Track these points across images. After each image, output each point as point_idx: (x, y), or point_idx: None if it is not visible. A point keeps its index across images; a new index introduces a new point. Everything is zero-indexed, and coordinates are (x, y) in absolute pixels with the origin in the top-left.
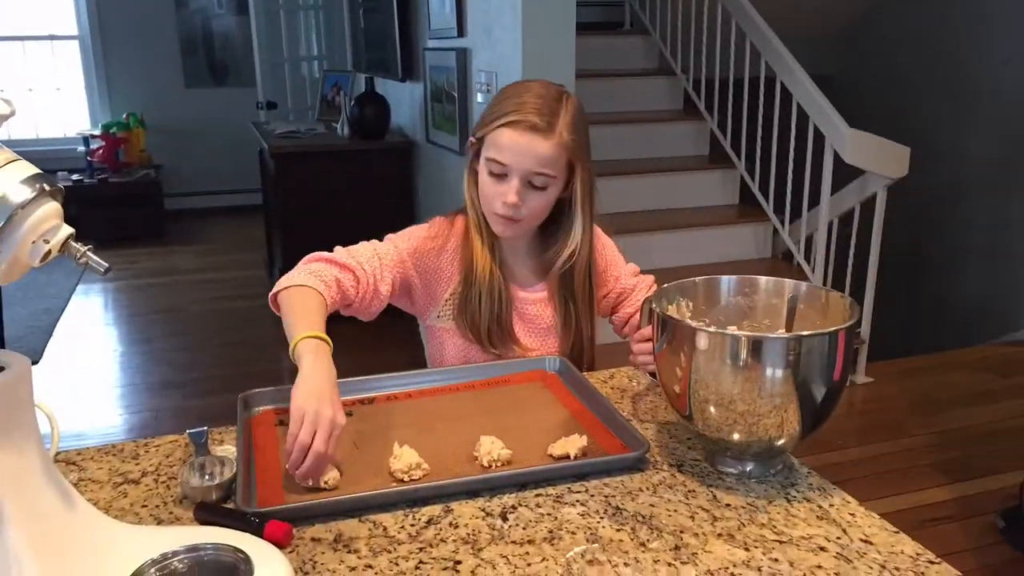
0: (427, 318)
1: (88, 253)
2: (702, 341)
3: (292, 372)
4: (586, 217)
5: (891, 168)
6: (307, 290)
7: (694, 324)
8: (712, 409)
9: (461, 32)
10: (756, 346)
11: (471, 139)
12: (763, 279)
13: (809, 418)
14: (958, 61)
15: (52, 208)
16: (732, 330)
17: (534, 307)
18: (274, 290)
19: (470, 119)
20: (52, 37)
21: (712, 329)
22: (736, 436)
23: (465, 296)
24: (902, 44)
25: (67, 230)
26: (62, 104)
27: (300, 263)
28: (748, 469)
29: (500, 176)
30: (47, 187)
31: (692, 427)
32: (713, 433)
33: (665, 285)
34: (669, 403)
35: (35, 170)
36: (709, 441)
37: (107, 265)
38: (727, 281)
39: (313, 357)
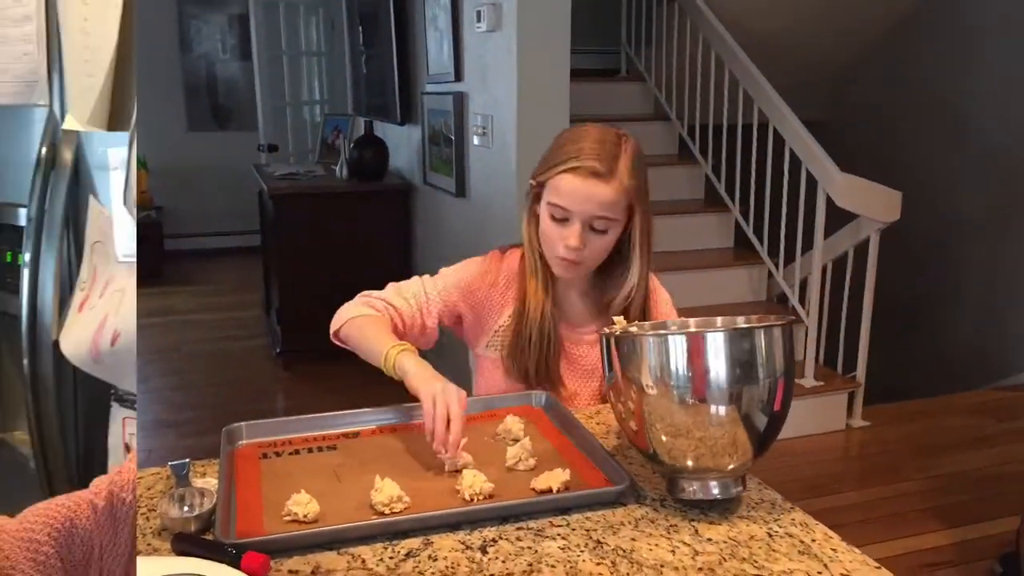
0: (477, 347)
1: None
2: (650, 345)
3: (285, 412)
4: (643, 258)
5: (883, 212)
6: (368, 316)
7: (637, 331)
8: (665, 437)
9: (458, 76)
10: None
11: (531, 182)
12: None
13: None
14: (948, 105)
15: None
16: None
17: (581, 347)
18: (335, 326)
19: (467, 161)
20: None
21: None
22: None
23: (516, 334)
24: (892, 89)
25: None
26: None
27: (352, 301)
28: (712, 488)
29: (562, 220)
30: None
31: (648, 448)
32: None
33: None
34: (624, 431)
35: None
36: (667, 460)
37: None
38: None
39: (413, 358)
